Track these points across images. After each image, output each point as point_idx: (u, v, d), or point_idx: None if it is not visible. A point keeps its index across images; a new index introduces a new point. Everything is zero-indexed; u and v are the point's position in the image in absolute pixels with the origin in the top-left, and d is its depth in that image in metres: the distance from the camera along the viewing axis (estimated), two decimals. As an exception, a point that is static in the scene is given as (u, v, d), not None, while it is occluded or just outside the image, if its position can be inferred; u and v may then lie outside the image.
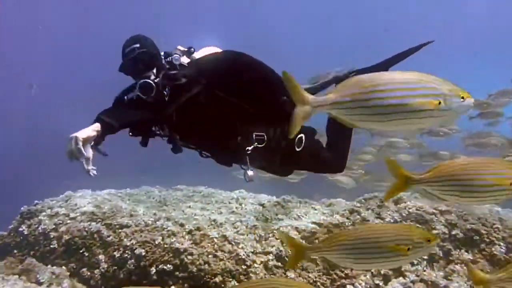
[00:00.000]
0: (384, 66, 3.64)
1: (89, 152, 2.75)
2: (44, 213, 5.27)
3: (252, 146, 3.21)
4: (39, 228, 5.08)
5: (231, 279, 4.27)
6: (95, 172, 2.71)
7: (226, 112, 3.17)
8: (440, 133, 6.20)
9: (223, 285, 4.24)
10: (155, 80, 2.98)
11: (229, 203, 6.03)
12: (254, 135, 3.23)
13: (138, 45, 3.03)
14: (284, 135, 3.39)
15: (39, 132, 17.94)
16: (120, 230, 4.86)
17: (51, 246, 4.89)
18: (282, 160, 3.52)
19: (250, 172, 3.27)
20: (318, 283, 4.24)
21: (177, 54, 3.17)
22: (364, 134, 7.46)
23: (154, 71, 3.05)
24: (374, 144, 7.32)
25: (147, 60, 3.03)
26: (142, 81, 2.95)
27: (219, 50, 3.39)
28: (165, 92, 2.97)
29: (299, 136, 3.44)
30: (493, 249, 4.33)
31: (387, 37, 18.49)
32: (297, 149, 3.45)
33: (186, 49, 3.26)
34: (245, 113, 3.21)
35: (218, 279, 4.26)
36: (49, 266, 4.63)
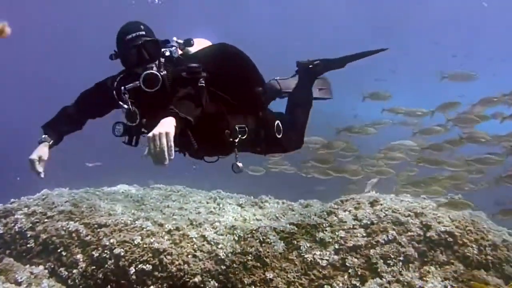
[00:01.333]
0: (342, 61, 4.10)
1: (46, 154, 2.75)
2: (20, 212, 5.18)
3: (237, 138, 3.20)
4: (16, 227, 4.99)
5: (210, 279, 4.30)
6: (42, 175, 2.73)
7: (219, 106, 3.11)
8: (481, 139, 6.07)
9: (202, 285, 4.27)
10: (161, 73, 2.84)
11: (207, 203, 6.06)
12: (237, 127, 3.22)
13: (143, 33, 2.86)
14: (259, 123, 3.44)
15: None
16: (98, 230, 4.83)
17: (28, 245, 4.82)
18: (266, 147, 3.60)
19: (240, 164, 3.27)
20: (297, 284, 4.30)
21: (174, 46, 3.05)
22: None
23: (157, 62, 2.89)
24: (405, 144, 6.78)
25: (153, 50, 2.85)
26: (148, 72, 2.80)
27: (209, 42, 3.36)
28: (202, 84, 2.80)
29: (276, 123, 3.53)
30: (466, 250, 4.46)
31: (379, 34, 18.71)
32: (278, 136, 3.54)
33: (182, 41, 3.14)
34: (230, 106, 3.20)
35: (197, 279, 4.29)
36: (27, 266, 4.57)
